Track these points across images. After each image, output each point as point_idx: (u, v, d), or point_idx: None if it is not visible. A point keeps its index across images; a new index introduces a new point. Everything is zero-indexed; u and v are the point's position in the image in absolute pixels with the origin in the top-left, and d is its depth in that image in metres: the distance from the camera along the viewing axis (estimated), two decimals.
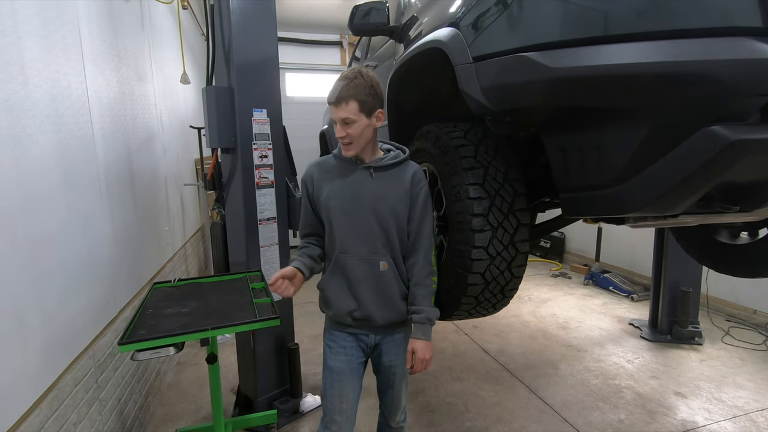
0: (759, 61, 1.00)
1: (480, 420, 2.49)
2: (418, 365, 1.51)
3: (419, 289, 1.51)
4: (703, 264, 2.38)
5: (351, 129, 1.42)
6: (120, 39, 2.48)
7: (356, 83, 1.39)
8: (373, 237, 1.47)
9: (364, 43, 3.68)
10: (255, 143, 2.34)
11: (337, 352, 1.56)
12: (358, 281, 1.48)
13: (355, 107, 1.39)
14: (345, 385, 1.55)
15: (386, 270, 1.48)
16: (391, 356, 1.57)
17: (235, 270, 2.43)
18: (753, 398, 2.69)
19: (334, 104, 1.41)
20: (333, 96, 1.41)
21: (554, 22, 1.19)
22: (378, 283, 1.48)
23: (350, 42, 7.68)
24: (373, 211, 1.46)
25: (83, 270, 1.82)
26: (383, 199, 1.47)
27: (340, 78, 1.41)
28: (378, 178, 1.49)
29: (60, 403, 1.55)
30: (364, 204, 1.47)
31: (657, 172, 1.14)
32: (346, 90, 1.39)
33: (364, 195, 1.47)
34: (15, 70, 1.40)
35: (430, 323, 1.51)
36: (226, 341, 3.40)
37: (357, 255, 1.48)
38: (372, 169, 1.49)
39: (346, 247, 1.49)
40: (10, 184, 1.35)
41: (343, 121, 1.41)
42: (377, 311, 1.49)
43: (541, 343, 3.49)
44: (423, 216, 1.51)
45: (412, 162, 1.56)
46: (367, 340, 1.56)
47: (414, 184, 1.50)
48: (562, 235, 5.83)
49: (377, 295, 1.49)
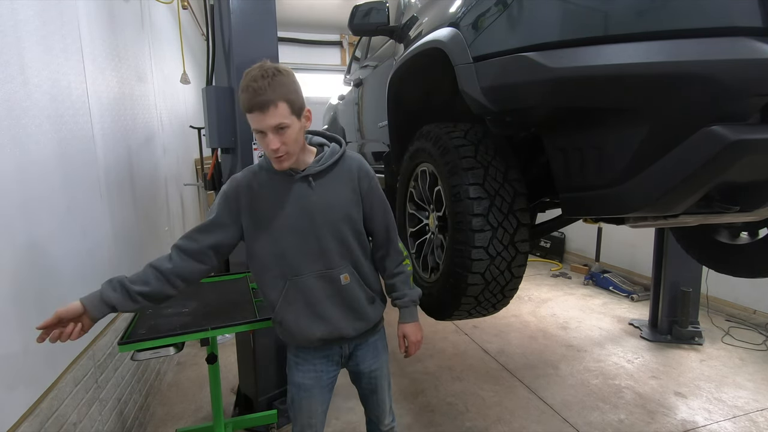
0: (759, 61, 1.00)
1: (480, 420, 2.49)
2: (411, 348, 1.50)
3: (396, 278, 1.46)
4: (703, 264, 2.38)
5: (285, 137, 1.18)
6: (120, 39, 2.48)
7: (279, 80, 1.16)
8: (328, 252, 1.32)
9: (364, 43, 3.68)
10: (255, 143, 2.33)
11: (304, 369, 1.43)
12: (320, 301, 1.34)
13: (286, 109, 1.17)
14: (314, 401, 1.44)
15: (349, 282, 1.36)
16: (369, 361, 1.48)
17: (235, 270, 2.43)
18: (753, 398, 2.68)
19: (259, 110, 1.14)
20: (254, 100, 1.14)
21: (554, 22, 1.19)
22: (343, 298, 1.36)
23: (350, 42, 7.69)
24: (324, 223, 1.31)
25: (83, 270, 1.82)
26: (331, 208, 1.31)
27: (254, 78, 1.15)
28: (319, 186, 1.31)
29: (60, 403, 1.55)
30: (313, 218, 1.30)
31: (657, 172, 1.14)
32: (271, 90, 1.14)
33: (309, 208, 1.30)
34: (15, 70, 1.40)
35: (414, 304, 1.49)
36: (226, 341, 3.40)
37: (313, 273, 1.33)
38: (311, 178, 1.30)
39: (299, 268, 1.32)
40: (9, 184, 1.35)
41: (275, 129, 1.17)
42: (348, 325, 1.39)
43: (541, 343, 3.49)
44: (381, 209, 1.41)
45: (351, 153, 1.40)
46: (341, 351, 1.46)
47: (361, 178, 1.36)
48: (562, 235, 5.83)
49: (345, 309, 1.37)
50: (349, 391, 1.55)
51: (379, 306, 1.48)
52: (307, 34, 7.57)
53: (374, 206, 1.39)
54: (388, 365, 1.56)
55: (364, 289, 1.41)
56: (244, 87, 1.16)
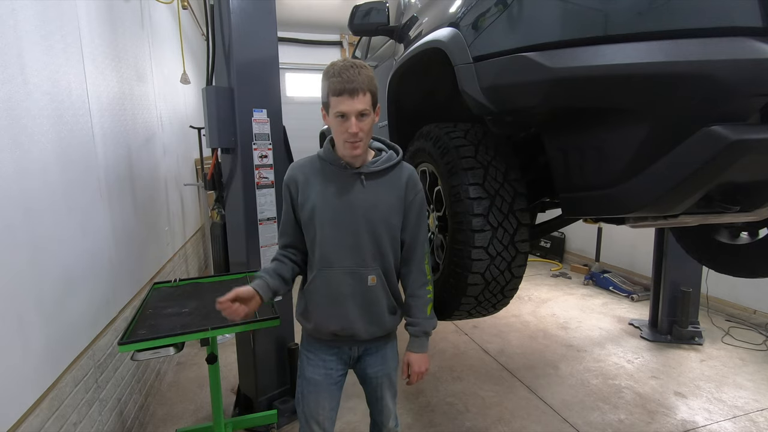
0: (759, 61, 1.00)
1: (480, 420, 2.49)
2: (413, 378, 1.47)
3: (414, 300, 1.44)
4: (704, 264, 2.38)
5: (364, 123, 1.25)
6: (120, 39, 2.48)
7: (367, 73, 1.24)
8: (362, 249, 1.35)
9: (364, 43, 3.68)
10: (255, 143, 2.34)
11: (315, 364, 1.46)
12: (343, 296, 1.37)
13: (369, 99, 1.24)
14: (322, 396, 1.46)
15: (375, 284, 1.37)
16: (376, 367, 1.48)
17: (235, 270, 2.43)
18: (753, 398, 2.68)
19: (349, 95, 1.21)
20: (348, 85, 1.21)
21: (554, 22, 1.19)
22: (365, 299, 1.38)
23: (350, 42, 7.69)
24: (364, 221, 1.33)
25: (83, 270, 1.82)
26: (375, 208, 1.34)
27: (345, 67, 1.23)
28: (369, 186, 1.35)
29: (60, 403, 1.55)
30: (355, 214, 1.33)
31: (657, 173, 1.14)
32: (361, 80, 1.21)
33: (354, 204, 1.33)
34: (15, 70, 1.40)
35: (426, 336, 1.46)
36: (226, 341, 3.40)
37: (343, 269, 1.35)
38: (363, 176, 1.34)
39: (331, 260, 1.35)
40: (10, 184, 1.35)
41: (359, 114, 1.23)
42: (362, 327, 1.40)
43: (541, 343, 3.49)
44: (418, 224, 1.41)
45: (406, 164, 1.44)
46: (350, 352, 1.47)
47: (408, 189, 1.38)
48: (562, 235, 5.82)
49: (363, 310, 1.38)
50: (350, 391, 1.54)
51: (396, 317, 1.48)
52: (307, 34, 7.57)
53: (411, 219, 1.40)
54: (396, 373, 1.54)
55: (389, 296, 1.41)
56: (334, 73, 1.23)
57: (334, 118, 1.27)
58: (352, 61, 1.25)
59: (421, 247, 1.43)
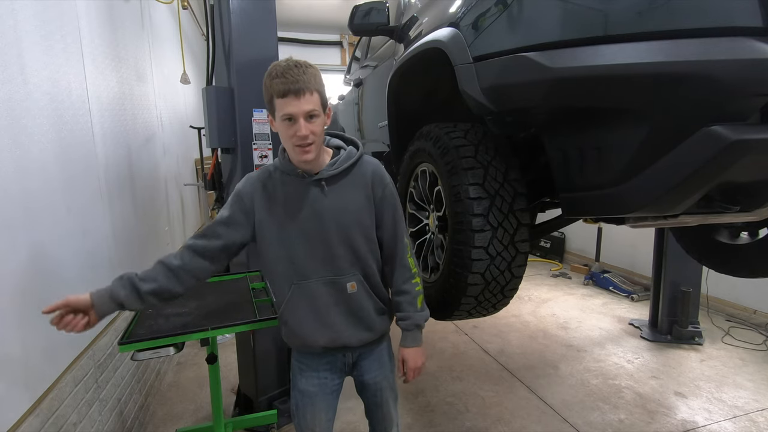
0: (759, 61, 1.00)
1: (480, 420, 2.49)
2: (410, 374, 1.42)
3: (403, 297, 1.38)
4: (704, 264, 2.38)
5: (315, 125, 1.18)
6: (120, 39, 2.48)
7: (312, 72, 1.18)
8: (337, 258, 1.29)
9: (364, 43, 3.68)
10: (255, 143, 2.34)
11: (308, 375, 1.40)
12: (326, 307, 1.31)
13: (317, 99, 1.18)
14: (318, 408, 1.40)
15: (356, 291, 1.32)
16: (374, 372, 1.43)
17: (235, 270, 2.43)
18: (753, 398, 2.68)
19: (294, 95, 1.15)
20: (291, 85, 1.14)
21: (554, 22, 1.19)
22: (349, 306, 1.33)
23: (350, 42, 7.69)
24: (335, 229, 1.28)
25: (83, 270, 1.82)
26: (344, 211, 1.28)
27: (288, 67, 1.16)
28: (332, 191, 1.28)
29: (60, 403, 1.55)
30: (323, 223, 1.27)
31: (657, 172, 1.14)
32: (306, 79, 1.15)
33: (321, 213, 1.27)
34: (15, 70, 1.40)
35: (419, 328, 1.41)
36: (226, 341, 3.40)
37: (321, 279, 1.30)
38: (324, 182, 1.27)
39: (306, 272, 1.29)
40: (10, 184, 1.35)
41: (307, 116, 1.17)
42: (352, 335, 1.34)
43: (541, 343, 3.49)
44: (393, 218, 1.35)
45: (368, 157, 1.36)
46: (344, 359, 1.41)
47: (375, 185, 1.32)
48: (562, 235, 5.82)
49: (350, 318, 1.33)
50: (349, 392, 1.54)
51: (386, 318, 1.43)
52: (307, 34, 7.57)
53: (384, 215, 1.34)
54: (394, 376, 1.50)
55: (373, 299, 1.36)
56: (277, 74, 1.16)
57: (281, 122, 1.19)
58: (296, 60, 1.19)
59: (401, 242, 1.37)
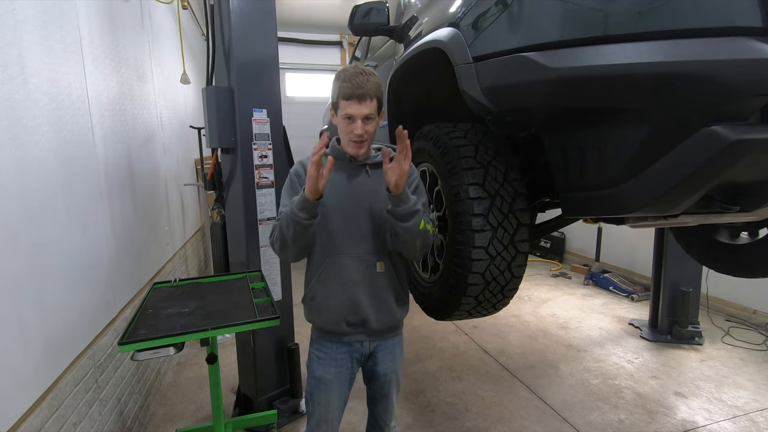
0: (759, 61, 1.00)
1: (480, 420, 2.49)
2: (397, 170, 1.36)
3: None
4: (704, 264, 2.38)
5: (369, 126, 1.35)
6: (120, 39, 2.48)
7: (375, 80, 1.33)
8: (369, 237, 1.42)
9: (364, 43, 3.68)
10: (255, 143, 2.34)
11: (326, 363, 1.49)
12: (353, 283, 1.43)
13: (375, 105, 1.34)
14: (333, 396, 1.49)
15: (383, 271, 1.44)
16: (386, 364, 1.53)
17: (235, 270, 2.43)
18: (753, 398, 2.68)
19: (357, 99, 1.30)
20: (357, 90, 1.30)
21: (554, 22, 1.19)
22: (374, 285, 1.44)
23: (350, 42, 7.69)
24: (369, 210, 1.42)
25: (83, 270, 1.82)
26: (378, 195, 1.40)
27: (356, 73, 1.32)
28: (374, 175, 1.44)
29: (60, 403, 1.55)
30: (361, 203, 1.42)
31: (657, 172, 1.14)
32: (369, 86, 1.31)
33: (360, 192, 1.43)
34: (15, 70, 1.40)
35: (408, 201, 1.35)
36: (226, 341, 3.40)
37: (353, 255, 1.42)
38: (368, 167, 1.44)
39: (341, 247, 1.42)
40: (9, 184, 1.35)
41: (365, 118, 1.33)
42: (373, 314, 1.45)
43: (541, 343, 3.49)
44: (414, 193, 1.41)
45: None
46: (362, 349, 1.50)
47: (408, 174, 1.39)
48: (562, 235, 5.82)
49: (373, 297, 1.44)
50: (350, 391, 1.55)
51: (405, 308, 1.54)
52: (307, 34, 7.57)
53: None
54: (401, 372, 1.60)
55: (396, 285, 1.48)
56: (346, 78, 1.32)
57: (341, 119, 1.36)
58: (363, 68, 1.34)
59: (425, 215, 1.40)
